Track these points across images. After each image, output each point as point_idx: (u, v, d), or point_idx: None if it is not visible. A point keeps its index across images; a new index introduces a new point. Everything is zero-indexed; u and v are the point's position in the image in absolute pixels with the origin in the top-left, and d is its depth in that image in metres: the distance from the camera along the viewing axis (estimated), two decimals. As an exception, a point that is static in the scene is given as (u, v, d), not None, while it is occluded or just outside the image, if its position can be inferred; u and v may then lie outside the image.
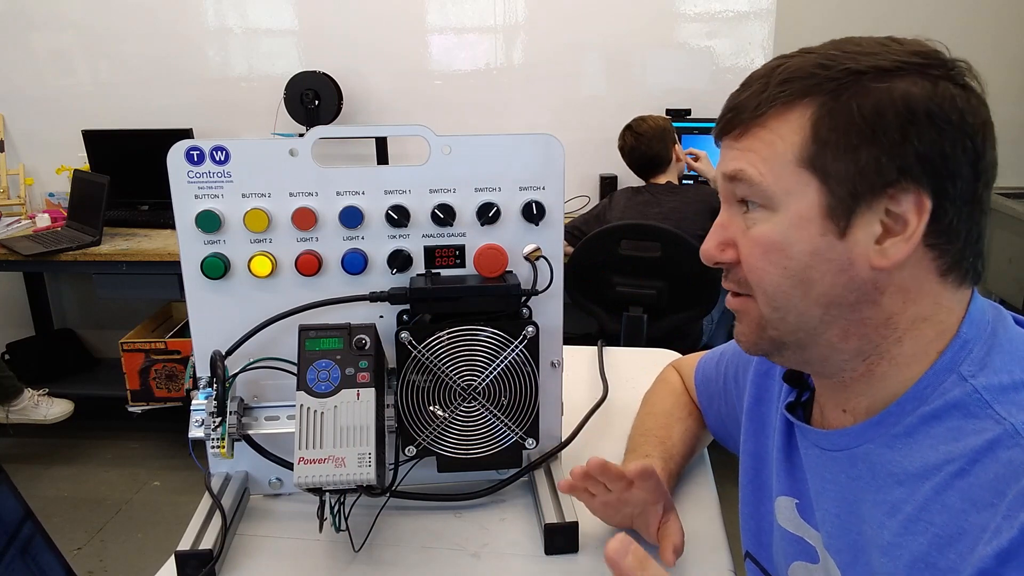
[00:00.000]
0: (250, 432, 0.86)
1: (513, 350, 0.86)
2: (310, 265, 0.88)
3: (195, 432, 0.82)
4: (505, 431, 0.89)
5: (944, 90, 0.58)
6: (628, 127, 2.62)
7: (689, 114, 2.98)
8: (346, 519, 0.84)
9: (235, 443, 0.85)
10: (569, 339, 0.99)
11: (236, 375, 0.86)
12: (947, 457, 0.58)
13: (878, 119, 0.57)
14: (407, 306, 0.88)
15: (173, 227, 0.88)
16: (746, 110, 0.62)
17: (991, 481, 0.54)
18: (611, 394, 1.17)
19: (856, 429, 0.66)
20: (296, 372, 0.81)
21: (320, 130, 0.89)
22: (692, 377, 1.04)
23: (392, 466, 0.88)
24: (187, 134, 2.98)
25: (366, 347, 0.82)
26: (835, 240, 0.59)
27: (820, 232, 0.59)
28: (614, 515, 0.86)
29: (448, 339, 0.85)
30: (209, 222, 0.86)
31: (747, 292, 0.65)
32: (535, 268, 0.89)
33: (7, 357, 3.20)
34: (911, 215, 0.58)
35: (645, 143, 2.56)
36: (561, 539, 0.84)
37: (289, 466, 0.88)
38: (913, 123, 0.57)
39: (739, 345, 0.70)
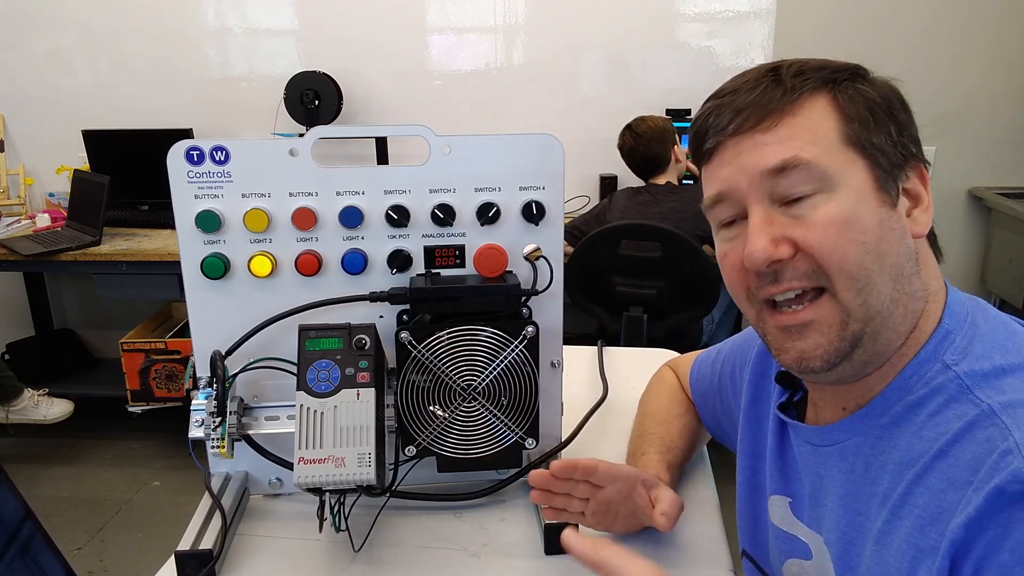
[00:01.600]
0: (250, 432, 0.86)
1: (513, 350, 0.86)
2: (310, 265, 0.88)
3: (195, 432, 0.83)
4: (505, 431, 0.89)
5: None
6: (628, 127, 2.61)
7: (689, 114, 2.98)
8: (346, 519, 0.84)
9: (235, 443, 0.85)
10: (569, 339, 0.99)
11: (236, 375, 0.86)
12: (930, 443, 0.59)
13: (889, 103, 0.64)
14: (407, 306, 0.88)
15: (173, 227, 0.88)
16: (771, 102, 0.62)
17: (969, 461, 0.56)
18: (611, 394, 1.17)
19: (846, 423, 0.67)
20: (296, 372, 0.81)
21: (320, 130, 0.89)
22: (687, 375, 1.04)
23: (392, 466, 0.88)
24: (187, 134, 2.98)
25: (366, 347, 0.82)
26: (890, 210, 0.62)
27: (879, 204, 0.62)
28: (614, 521, 0.84)
29: (448, 339, 0.85)
30: (209, 222, 0.86)
31: (816, 285, 0.62)
32: (535, 268, 0.89)
33: (7, 357, 3.20)
34: (920, 188, 0.65)
35: (644, 143, 2.55)
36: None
37: (289, 466, 0.88)
38: (905, 108, 0.65)
39: (807, 365, 0.64)
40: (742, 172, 0.63)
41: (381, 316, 0.90)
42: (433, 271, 0.90)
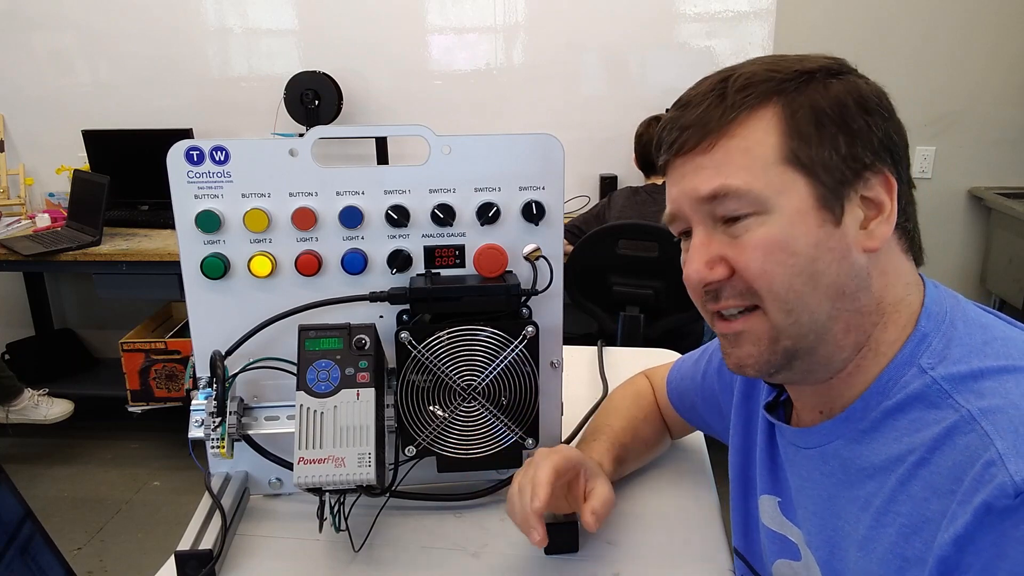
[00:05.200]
0: (250, 432, 0.86)
1: (513, 350, 0.86)
2: (310, 265, 0.88)
3: (195, 432, 0.83)
4: (505, 431, 0.89)
5: (876, 86, 0.64)
6: (654, 118, 2.64)
7: (689, 114, 2.98)
8: (346, 519, 0.84)
9: (235, 443, 0.85)
10: (569, 339, 0.99)
11: (236, 375, 0.86)
12: (910, 448, 0.59)
13: (843, 110, 0.61)
14: (407, 306, 0.88)
15: (173, 227, 0.88)
16: (711, 122, 0.62)
17: (950, 468, 0.55)
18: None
19: (826, 426, 0.67)
20: (296, 372, 0.81)
21: (320, 130, 0.89)
22: (664, 379, 1.03)
23: (392, 466, 0.88)
24: (187, 134, 2.98)
25: (366, 347, 0.82)
26: (833, 229, 0.61)
27: (818, 223, 0.60)
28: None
29: (448, 339, 0.85)
30: (209, 222, 0.86)
31: (751, 304, 0.63)
32: (535, 268, 0.89)
33: (7, 357, 3.20)
34: (883, 196, 0.62)
35: None
36: (561, 539, 0.84)
37: (289, 466, 0.88)
38: (869, 112, 0.62)
39: (744, 372, 0.66)
40: (684, 195, 0.65)
41: (381, 316, 0.90)
42: (433, 271, 0.90)
